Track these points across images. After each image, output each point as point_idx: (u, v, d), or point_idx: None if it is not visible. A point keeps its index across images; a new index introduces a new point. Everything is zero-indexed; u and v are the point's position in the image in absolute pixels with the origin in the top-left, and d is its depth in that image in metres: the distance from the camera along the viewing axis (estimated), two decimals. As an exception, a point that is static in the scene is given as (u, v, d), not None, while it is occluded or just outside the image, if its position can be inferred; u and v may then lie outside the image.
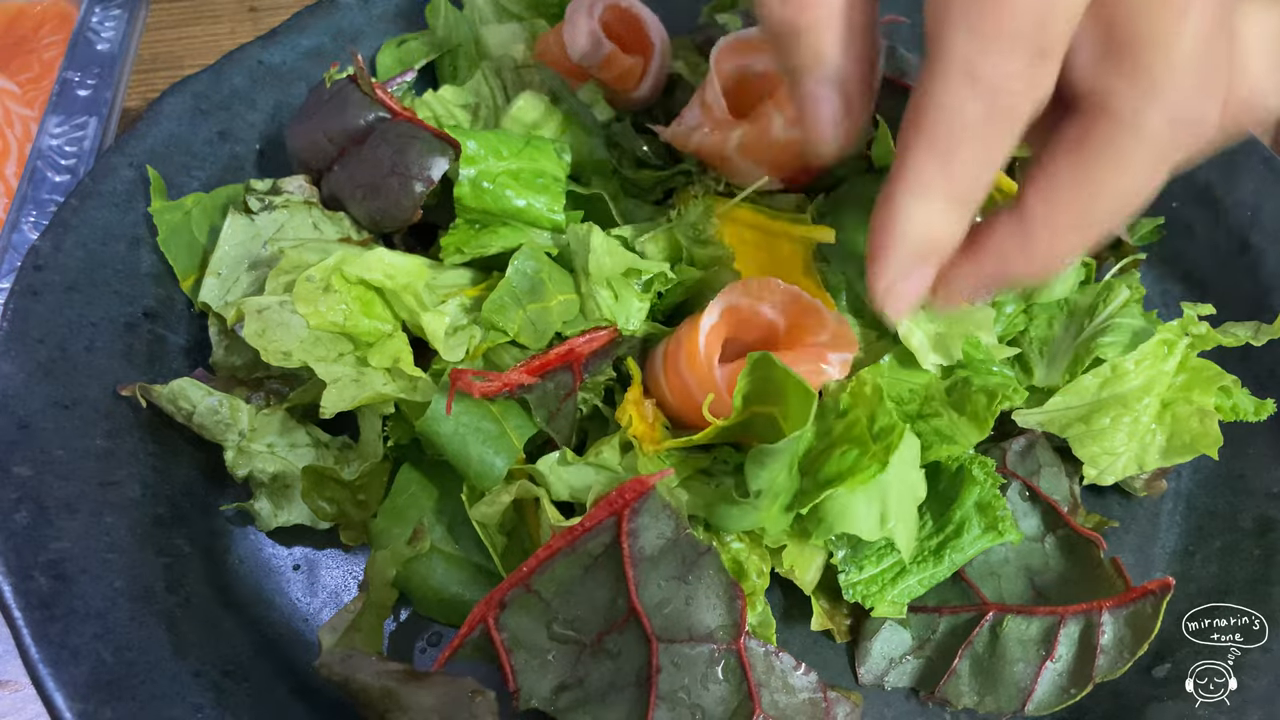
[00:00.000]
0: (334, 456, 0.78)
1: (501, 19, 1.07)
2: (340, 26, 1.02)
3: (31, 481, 0.68)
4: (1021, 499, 0.78)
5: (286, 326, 0.73)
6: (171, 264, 0.83)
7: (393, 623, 0.75)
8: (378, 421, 0.75)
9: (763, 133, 0.86)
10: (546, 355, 0.72)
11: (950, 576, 0.74)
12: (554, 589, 0.62)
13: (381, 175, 0.80)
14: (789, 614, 0.77)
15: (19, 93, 1.04)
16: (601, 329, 0.75)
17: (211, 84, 0.93)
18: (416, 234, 0.86)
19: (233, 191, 0.87)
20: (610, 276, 0.75)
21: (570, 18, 0.96)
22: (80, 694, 0.60)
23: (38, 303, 0.75)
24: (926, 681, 0.74)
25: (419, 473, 0.77)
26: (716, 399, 0.69)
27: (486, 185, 0.80)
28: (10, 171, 0.99)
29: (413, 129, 0.81)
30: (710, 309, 0.72)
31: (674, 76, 1.02)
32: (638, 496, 0.60)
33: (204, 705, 0.63)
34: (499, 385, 0.68)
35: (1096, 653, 0.70)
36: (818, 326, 0.73)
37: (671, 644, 0.63)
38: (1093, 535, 0.75)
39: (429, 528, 0.74)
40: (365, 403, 0.72)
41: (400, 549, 0.71)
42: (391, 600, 0.73)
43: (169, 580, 0.70)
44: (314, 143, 0.86)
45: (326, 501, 0.74)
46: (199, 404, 0.74)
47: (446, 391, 0.68)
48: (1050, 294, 0.85)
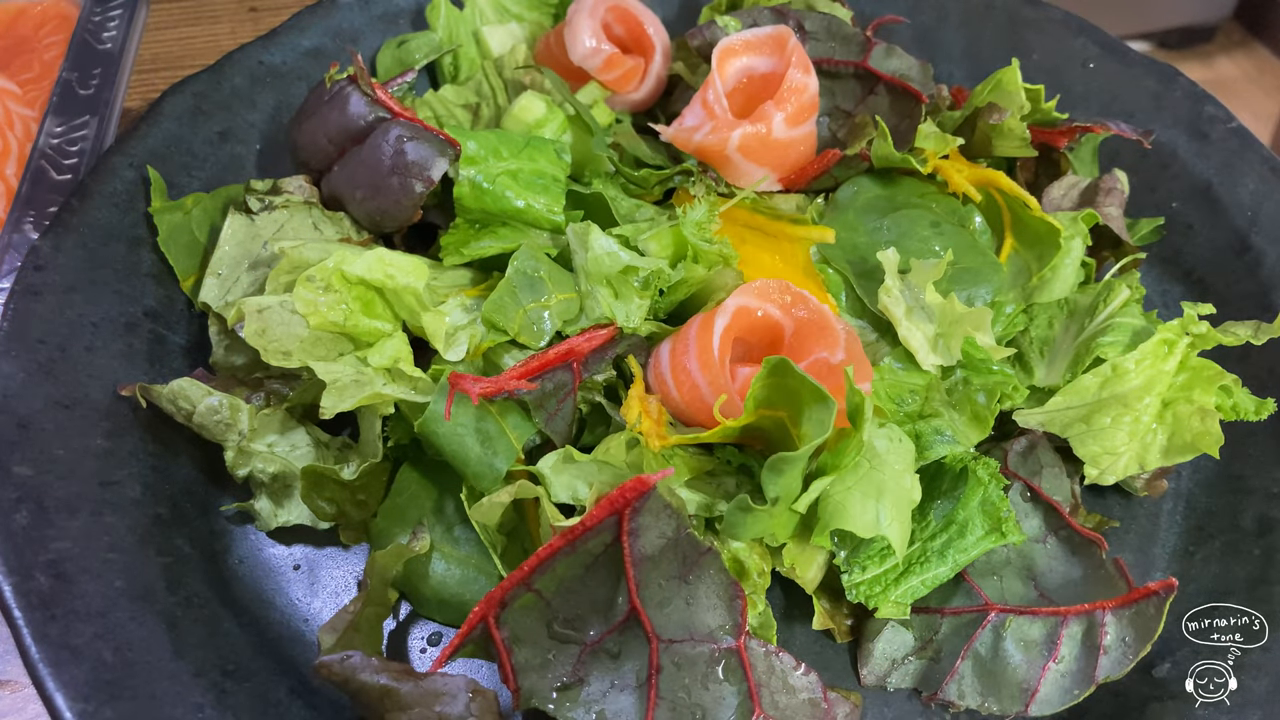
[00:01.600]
0: (334, 456, 0.78)
1: (501, 19, 1.07)
2: (340, 26, 1.02)
3: (31, 481, 0.68)
4: (1023, 500, 0.78)
5: (287, 326, 0.73)
6: (171, 264, 0.83)
7: (393, 622, 0.75)
8: (377, 422, 0.75)
9: (764, 133, 0.86)
10: (546, 355, 0.72)
11: (953, 577, 0.74)
12: (554, 588, 0.62)
13: (381, 175, 0.80)
14: (790, 614, 0.77)
15: (19, 93, 1.04)
16: (601, 328, 0.75)
17: (211, 84, 0.93)
18: (417, 234, 0.86)
19: (233, 191, 0.87)
20: (609, 275, 0.75)
21: (571, 19, 0.96)
22: (80, 694, 0.60)
23: (38, 303, 0.75)
24: (929, 682, 0.74)
25: (419, 473, 0.77)
26: (729, 400, 0.69)
27: (486, 185, 0.80)
28: (10, 171, 0.99)
29: (413, 129, 0.81)
30: (723, 310, 0.72)
31: (674, 77, 1.02)
32: (639, 496, 0.60)
33: (204, 705, 0.63)
34: (497, 388, 0.68)
35: (1099, 653, 0.70)
36: (831, 343, 0.73)
37: (672, 644, 0.63)
38: (1094, 536, 0.75)
39: (429, 528, 0.74)
40: (365, 403, 0.72)
41: (400, 549, 0.71)
42: (391, 600, 0.73)
43: (169, 580, 0.70)
44: (314, 143, 0.86)
45: (326, 501, 0.74)
46: (199, 404, 0.74)
47: (446, 392, 0.68)
48: (1050, 294, 0.85)
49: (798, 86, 0.87)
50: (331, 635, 0.66)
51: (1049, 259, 0.84)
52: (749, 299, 0.73)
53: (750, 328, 0.74)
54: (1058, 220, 0.85)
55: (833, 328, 0.73)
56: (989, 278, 0.83)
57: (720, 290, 0.79)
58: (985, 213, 0.90)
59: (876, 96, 0.93)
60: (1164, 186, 1.00)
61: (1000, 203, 0.89)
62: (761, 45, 0.92)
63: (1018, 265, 0.87)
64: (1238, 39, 2.99)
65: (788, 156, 0.89)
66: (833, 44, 0.96)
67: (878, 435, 0.71)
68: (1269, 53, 2.94)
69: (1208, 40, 2.95)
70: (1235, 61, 2.93)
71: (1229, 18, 2.92)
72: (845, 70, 0.94)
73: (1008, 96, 0.91)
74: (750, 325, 0.73)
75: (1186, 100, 1.01)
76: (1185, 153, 0.99)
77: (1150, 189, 1.00)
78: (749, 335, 0.74)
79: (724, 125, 0.86)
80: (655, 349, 0.76)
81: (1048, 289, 0.85)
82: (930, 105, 0.92)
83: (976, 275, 0.84)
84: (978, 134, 0.92)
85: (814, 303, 0.74)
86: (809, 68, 0.88)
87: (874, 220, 0.88)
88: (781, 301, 0.74)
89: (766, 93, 0.90)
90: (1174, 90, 1.02)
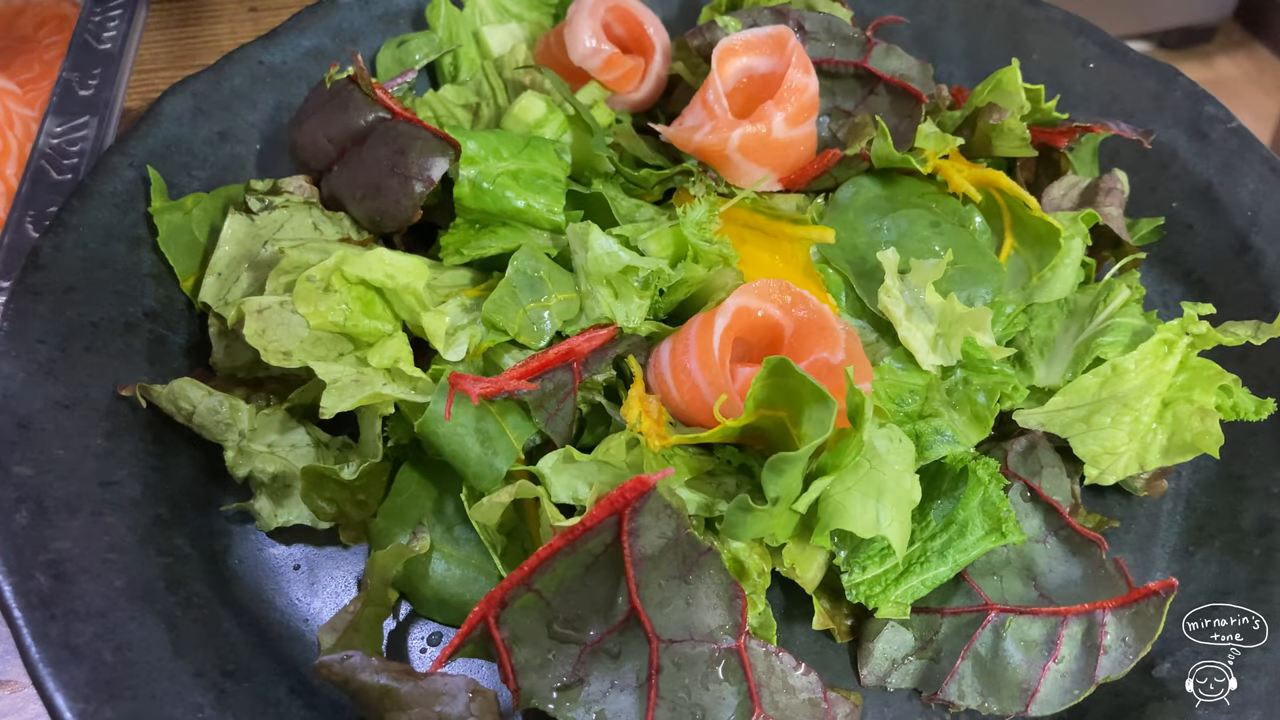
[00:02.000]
0: (334, 456, 0.78)
1: (501, 19, 1.07)
2: (340, 26, 1.02)
3: (31, 481, 0.68)
4: (1023, 500, 0.78)
5: (287, 327, 0.73)
6: (171, 264, 0.83)
7: (393, 622, 0.75)
8: (377, 422, 0.75)
9: (764, 133, 0.86)
10: (546, 355, 0.72)
11: (953, 577, 0.74)
12: (555, 588, 0.62)
13: (381, 175, 0.80)
14: (790, 613, 0.77)
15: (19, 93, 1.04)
16: (601, 328, 0.75)
17: (211, 84, 0.93)
18: (416, 234, 0.86)
19: (233, 191, 0.87)
20: (609, 275, 0.75)
21: (571, 19, 0.96)
22: (80, 694, 0.60)
23: (38, 303, 0.75)
24: (929, 683, 0.74)
25: (419, 473, 0.77)
26: (729, 400, 0.69)
27: (486, 185, 0.80)
28: (10, 171, 0.99)
29: (413, 129, 0.81)
30: (723, 310, 0.72)
31: (674, 77, 1.02)
32: (639, 496, 0.60)
33: (204, 705, 0.63)
34: (496, 388, 0.68)
35: (1100, 653, 0.70)
36: (831, 343, 0.73)
37: (672, 644, 0.63)
38: (1094, 536, 0.75)
39: (429, 528, 0.74)
40: (365, 403, 0.72)
41: (400, 549, 0.71)
42: (391, 600, 0.73)
43: (169, 580, 0.69)
44: (314, 143, 0.86)
45: (326, 501, 0.74)
46: (199, 404, 0.74)
47: (446, 393, 0.68)
48: (1050, 294, 0.85)
49: (798, 86, 0.87)
50: (331, 635, 0.66)
51: (1049, 259, 0.84)
52: (749, 299, 0.73)
53: (750, 328, 0.74)
54: (1058, 220, 0.85)
55: (833, 328, 0.73)
56: (989, 278, 0.83)
57: (720, 290, 0.79)
58: (985, 213, 0.90)
59: (876, 96, 0.93)
60: (1164, 186, 1.00)
61: (1000, 203, 0.89)
62: (761, 45, 0.92)
63: (1018, 265, 0.87)
64: (1238, 39, 2.99)
65: (788, 156, 0.89)
66: (832, 44, 0.96)
67: (878, 435, 0.71)
68: (1269, 53, 2.94)
69: (1208, 40, 2.95)
70: (1235, 61, 2.93)
71: (1229, 18, 2.92)
72: (845, 70, 0.94)
73: (1008, 96, 0.91)
74: (750, 325, 0.73)
75: (1186, 100, 1.01)
76: (1185, 153, 0.99)
77: (1150, 189, 1.00)
78: (749, 335, 0.74)
79: (724, 125, 0.86)
80: (655, 349, 0.76)
81: (1048, 289, 0.85)
82: (930, 105, 0.92)
83: (976, 275, 0.84)
84: (978, 134, 0.92)
85: (814, 303, 0.74)
86: (809, 68, 0.88)
87: (874, 220, 0.88)
88: (781, 301, 0.74)
89: (766, 93, 0.90)
90: (1174, 90, 1.02)
